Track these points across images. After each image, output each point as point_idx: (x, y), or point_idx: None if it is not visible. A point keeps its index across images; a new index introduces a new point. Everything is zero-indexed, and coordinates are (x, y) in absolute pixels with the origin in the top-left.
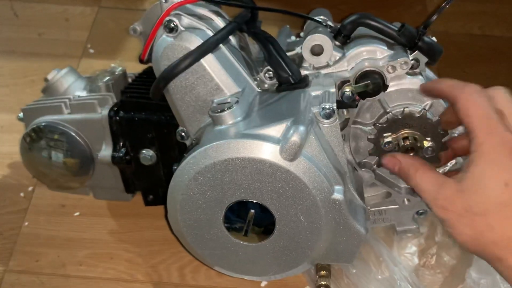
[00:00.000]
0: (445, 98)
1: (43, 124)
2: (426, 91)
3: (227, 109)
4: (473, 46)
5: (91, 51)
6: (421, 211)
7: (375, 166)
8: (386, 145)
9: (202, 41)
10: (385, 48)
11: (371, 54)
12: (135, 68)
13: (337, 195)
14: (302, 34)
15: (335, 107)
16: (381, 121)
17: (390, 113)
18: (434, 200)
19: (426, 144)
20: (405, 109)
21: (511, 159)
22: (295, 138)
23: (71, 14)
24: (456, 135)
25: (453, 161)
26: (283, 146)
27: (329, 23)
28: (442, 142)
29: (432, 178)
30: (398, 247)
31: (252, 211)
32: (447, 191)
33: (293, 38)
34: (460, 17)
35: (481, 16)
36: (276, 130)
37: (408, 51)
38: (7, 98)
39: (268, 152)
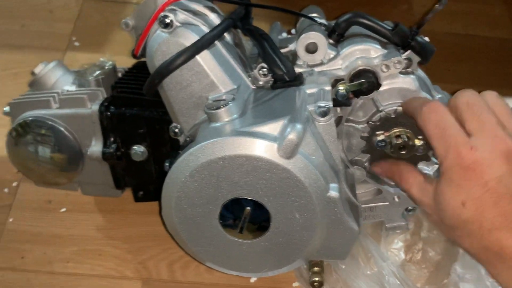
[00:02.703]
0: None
1: (30, 118)
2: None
3: (223, 106)
4: (456, 45)
5: (76, 44)
6: (410, 208)
7: (366, 164)
8: (379, 143)
9: (198, 37)
10: (379, 47)
11: (365, 53)
12: (123, 62)
13: (333, 193)
14: (293, 31)
15: (331, 105)
16: (374, 119)
17: (383, 112)
18: (419, 203)
19: (418, 142)
20: (397, 108)
21: (465, 177)
22: (292, 136)
23: (55, 6)
24: None
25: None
26: (280, 144)
27: (323, 21)
28: None
29: (415, 180)
30: (385, 242)
31: (248, 208)
32: (426, 199)
33: (284, 35)
34: (444, 16)
35: (465, 16)
36: (272, 128)
37: (401, 51)
38: None
39: (265, 149)
